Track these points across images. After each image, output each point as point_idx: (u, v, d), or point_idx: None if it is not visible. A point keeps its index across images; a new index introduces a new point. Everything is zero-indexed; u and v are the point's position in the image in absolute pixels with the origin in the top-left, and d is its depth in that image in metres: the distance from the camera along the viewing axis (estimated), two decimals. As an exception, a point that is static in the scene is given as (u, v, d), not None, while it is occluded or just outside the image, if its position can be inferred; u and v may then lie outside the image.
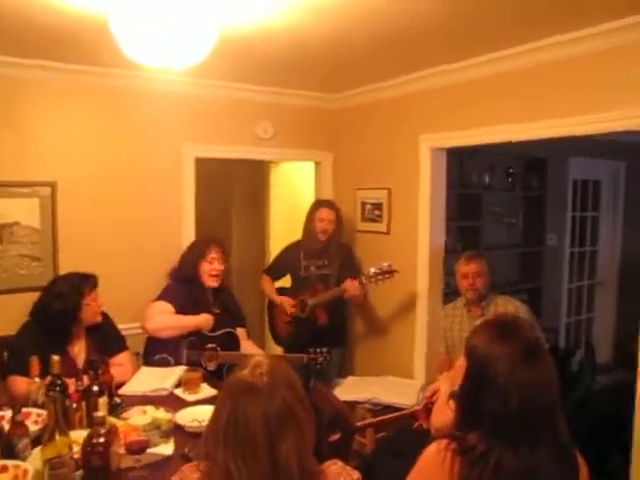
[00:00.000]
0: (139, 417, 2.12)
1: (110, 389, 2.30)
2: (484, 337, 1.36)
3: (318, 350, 3.01)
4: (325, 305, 3.61)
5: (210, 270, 3.07)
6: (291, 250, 3.85)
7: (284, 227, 4.76)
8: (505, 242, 5.11)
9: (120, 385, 2.56)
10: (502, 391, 1.27)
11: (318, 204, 3.77)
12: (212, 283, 3.09)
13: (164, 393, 2.56)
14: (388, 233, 3.81)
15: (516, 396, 1.25)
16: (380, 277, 3.35)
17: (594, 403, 4.18)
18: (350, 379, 3.45)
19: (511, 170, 5.03)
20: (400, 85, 3.56)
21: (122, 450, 1.82)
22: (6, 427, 1.88)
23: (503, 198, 5.06)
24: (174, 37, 2.04)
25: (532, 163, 5.15)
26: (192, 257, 3.13)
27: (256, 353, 2.93)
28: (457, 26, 2.50)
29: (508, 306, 3.09)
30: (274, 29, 2.55)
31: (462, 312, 3.19)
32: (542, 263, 5.20)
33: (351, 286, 3.41)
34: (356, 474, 1.31)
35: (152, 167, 3.59)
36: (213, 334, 3.04)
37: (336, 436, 1.98)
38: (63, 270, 3.05)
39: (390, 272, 3.35)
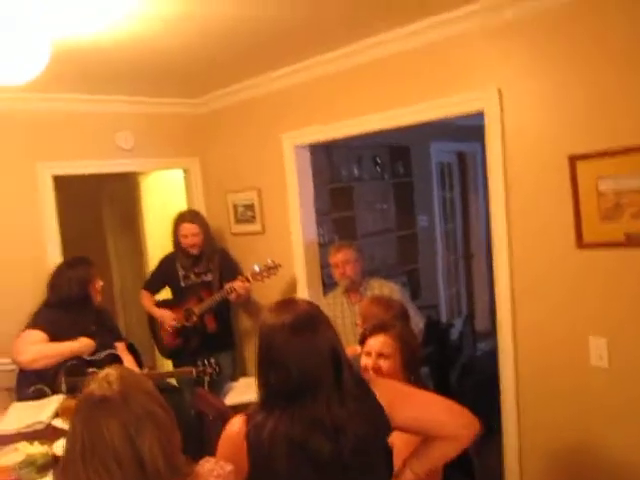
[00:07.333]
0: (10, 456, 2.00)
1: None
2: (267, 315, 1.52)
3: (206, 362, 3.01)
4: (212, 310, 3.60)
5: (99, 287, 3.07)
6: (167, 262, 3.80)
7: (161, 240, 4.64)
8: (380, 228, 5.31)
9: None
10: (281, 362, 1.44)
11: (178, 220, 3.67)
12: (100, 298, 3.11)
13: (40, 427, 2.42)
14: (263, 232, 3.85)
15: (294, 363, 1.43)
16: (265, 274, 3.41)
17: (477, 366, 4.52)
18: (242, 380, 3.43)
19: (378, 160, 5.25)
20: (259, 85, 3.60)
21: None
22: None
23: (373, 187, 5.26)
24: (4, 53, 1.95)
25: (397, 151, 5.38)
26: (79, 281, 2.99)
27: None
28: (305, 26, 2.59)
29: (383, 289, 3.24)
30: (120, 39, 2.50)
31: (342, 300, 3.30)
32: (416, 244, 5.47)
33: (241, 286, 3.42)
34: (229, 467, 1.33)
35: (1, 192, 3.36)
36: (94, 358, 2.93)
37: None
38: None
39: (274, 267, 3.41)
